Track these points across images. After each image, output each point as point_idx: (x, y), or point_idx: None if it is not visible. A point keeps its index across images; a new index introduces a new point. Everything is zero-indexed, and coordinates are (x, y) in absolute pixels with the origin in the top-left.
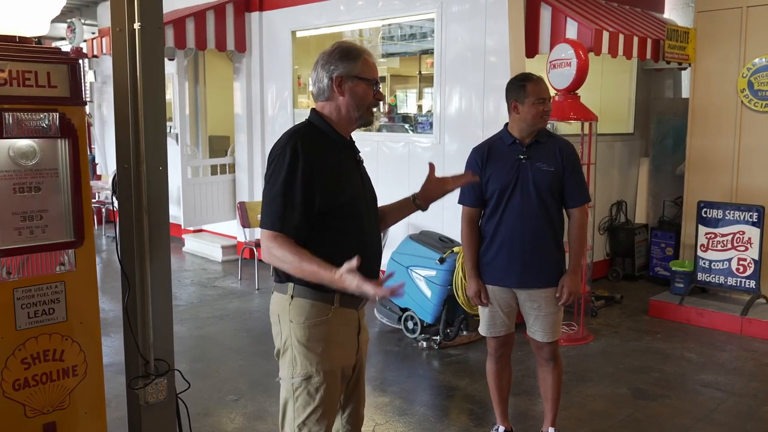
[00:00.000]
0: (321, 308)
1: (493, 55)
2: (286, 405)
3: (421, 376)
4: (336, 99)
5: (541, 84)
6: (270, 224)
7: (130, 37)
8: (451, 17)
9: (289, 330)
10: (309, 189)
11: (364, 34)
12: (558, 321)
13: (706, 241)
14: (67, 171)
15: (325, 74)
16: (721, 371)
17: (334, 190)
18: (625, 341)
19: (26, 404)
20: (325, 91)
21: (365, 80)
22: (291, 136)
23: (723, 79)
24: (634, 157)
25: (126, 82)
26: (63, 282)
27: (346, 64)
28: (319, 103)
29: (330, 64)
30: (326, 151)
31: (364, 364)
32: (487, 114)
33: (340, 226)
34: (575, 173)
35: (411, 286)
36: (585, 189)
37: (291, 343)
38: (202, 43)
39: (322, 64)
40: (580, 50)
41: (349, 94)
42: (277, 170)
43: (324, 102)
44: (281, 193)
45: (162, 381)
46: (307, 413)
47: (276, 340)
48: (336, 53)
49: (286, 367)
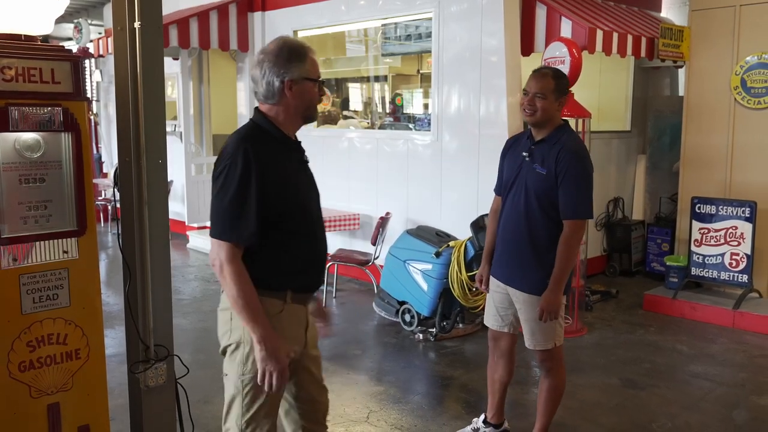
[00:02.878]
0: (274, 304)
1: (490, 55)
2: (232, 401)
3: (417, 366)
4: (285, 101)
5: (534, 77)
6: (222, 234)
7: (131, 35)
8: (448, 17)
9: (242, 328)
10: (262, 196)
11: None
12: (542, 331)
13: (700, 236)
14: (70, 163)
15: (275, 77)
16: (711, 362)
17: (285, 195)
18: (619, 334)
19: (31, 385)
20: (275, 95)
21: (312, 80)
22: (240, 141)
23: (717, 76)
24: (631, 154)
25: (127, 79)
26: (66, 269)
27: (296, 65)
28: (266, 105)
29: (279, 66)
30: (275, 154)
31: (316, 357)
32: (484, 113)
33: (291, 229)
34: (567, 182)
35: (408, 280)
36: (576, 203)
37: (244, 339)
38: (206, 43)
39: (270, 65)
40: (573, 48)
41: (298, 96)
42: (229, 179)
43: (272, 105)
44: (235, 203)
45: (162, 365)
46: (255, 409)
47: (224, 338)
48: (284, 54)
49: (237, 364)
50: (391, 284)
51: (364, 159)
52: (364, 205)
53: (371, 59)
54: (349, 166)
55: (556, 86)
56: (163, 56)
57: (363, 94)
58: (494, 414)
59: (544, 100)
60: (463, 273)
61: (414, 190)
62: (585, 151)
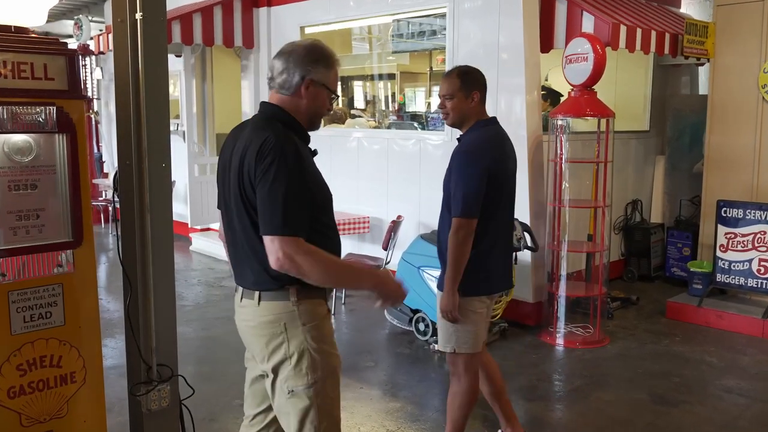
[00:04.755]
0: (322, 305)
1: (508, 52)
2: (306, 415)
3: (433, 379)
4: (299, 98)
5: (442, 79)
6: (284, 228)
7: (132, 28)
8: (463, 13)
9: (303, 335)
10: (311, 188)
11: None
12: (440, 330)
13: (726, 242)
14: (65, 168)
15: (297, 71)
16: (743, 376)
17: (322, 186)
18: (643, 344)
19: (22, 413)
20: (292, 88)
21: (329, 91)
22: (282, 133)
23: (743, 74)
24: (649, 155)
25: (127, 75)
26: (60, 284)
27: (322, 69)
28: (279, 95)
29: (306, 63)
30: (304, 147)
31: None
32: (499, 112)
33: (326, 222)
34: (454, 181)
35: (422, 287)
36: (456, 201)
37: (306, 347)
38: (210, 39)
39: (296, 60)
40: (597, 44)
41: (312, 98)
42: (281, 171)
43: (286, 96)
44: (291, 196)
45: (165, 387)
46: (327, 412)
47: (277, 353)
48: (315, 54)
49: (305, 374)
50: None
51: (373, 159)
52: (374, 207)
53: (379, 57)
54: (358, 167)
55: (462, 83)
56: (167, 50)
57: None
58: (507, 425)
59: (452, 100)
60: None
61: (426, 193)
62: (478, 150)
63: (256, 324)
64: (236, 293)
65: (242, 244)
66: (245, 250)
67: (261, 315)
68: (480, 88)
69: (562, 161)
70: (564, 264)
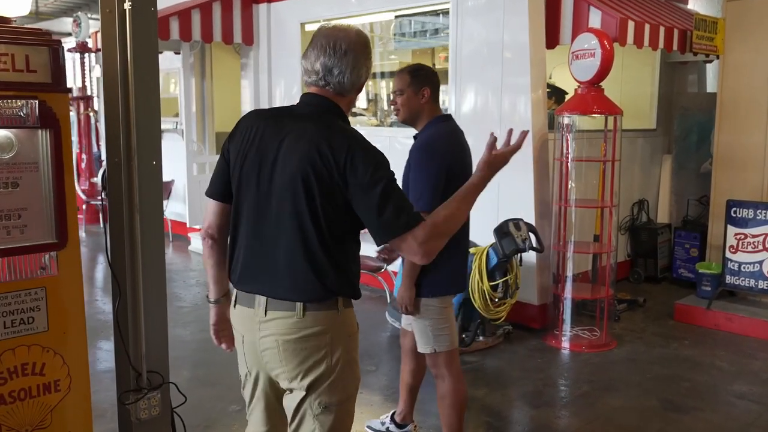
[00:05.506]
0: (354, 313)
1: (513, 50)
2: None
3: (435, 385)
4: (350, 99)
5: (394, 76)
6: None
7: (120, 19)
8: (466, 11)
9: (346, 345)
10: None
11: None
12: (416, 331)
13: (736, 242)
14: (48, 165)
15: (363, 71)
16: (755, 381)
17: None
18: (651, 348)
19: (3, 424)
20: (353, 89)
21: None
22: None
23: (754, 71)
24: (656, 154)
25: (116, 69)
26: (44, 288)
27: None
28: (341, 96)
29: (367, 60)
30: None
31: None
32: (503, 111)
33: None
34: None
35: None
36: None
37: (343, 359)
38: (208, 36)
39: (363, 58)
40: (604, 40)
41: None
42: (388, 169)
43: (341, 97)
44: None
45: (155, 395)
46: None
47: (318, 368)
48: (369, 50)
49: (339, 389)
50: None
51: None
52: None
53: (381, 55)
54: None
55: (412, 80)
56: (158, 42)
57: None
58: (401, 413)
59: (401, 96)
60: (485, 282)
61: None
62: (437, 145)
63: (298, 337)
64: (246, 305)
65: (286, 254)
66: (291, 259)
67: (307, 326)
68: (430, 85)
69: (568, 160)
70: (570, 265)
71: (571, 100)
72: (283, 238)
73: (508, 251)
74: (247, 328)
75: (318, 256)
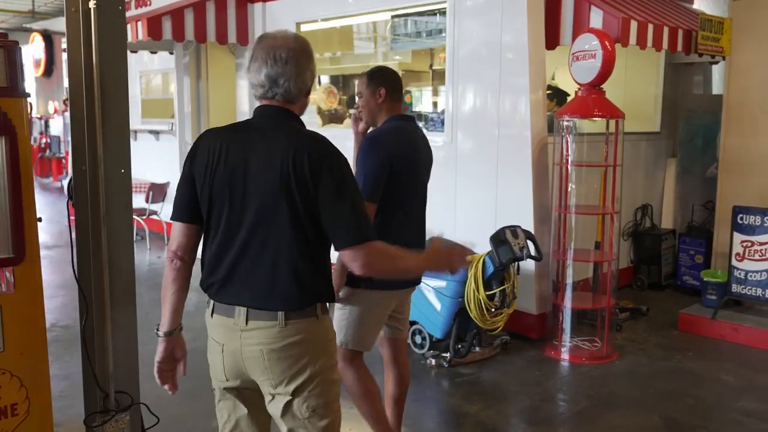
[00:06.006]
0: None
1: (511, 51)
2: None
3: (429, 398)
4: (302, 104)
5: None
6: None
7: (85, 18)
8: (464, 11)
9: (329, 350)
10: None
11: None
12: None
13: (742, 250)
14: (3, 174)
15: (309, 75)
16: (763, 397)
17: None
18: (654, 360)
19: None
20: (301, 95)
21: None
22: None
23: (762, 72)
24: (660, 157)
25: (81, 71)
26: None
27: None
28: (291, 103)
29: (311, 64)
30: None
31: None
32: (503, 111)
33: None
34: (357, 164)
35: (419, 298)
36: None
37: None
38: (202, 36)
39: (306, 62)
40: (606, 41)
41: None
42: (349, 179)
43: (292, 105)
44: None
45: (124, 417)
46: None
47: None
48: (310, 52)
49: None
50: None
51: None
52: None
53: (380, 55)
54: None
55: (369, 81)
56: (126, 43)
57: None
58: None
59: (361, 98)
60: (481, 291)
61: None
62: (382, 137)
63: (281, 346)
64: (225, 314)
65: (266, 264)
66: (273, 268)
67: (290, 335)
68: (387, 84)
69: (568, 164)
70: (570, 273)
71: (572, 103)
72: (262, 248)
73: (505, 260)
74: (228, 337)
75: (298, 263)
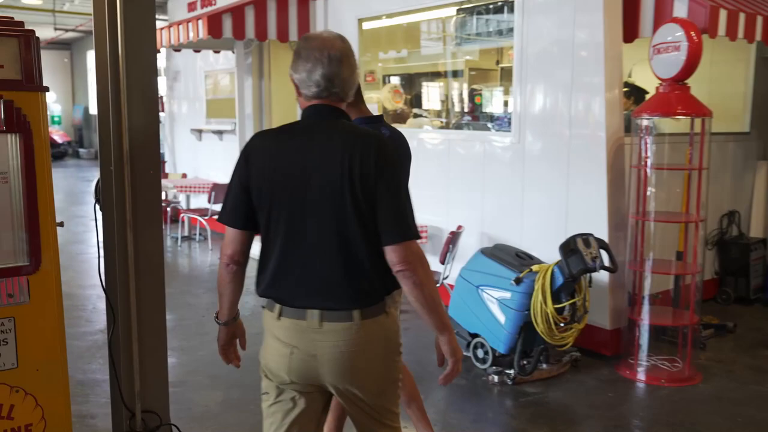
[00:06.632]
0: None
1: (585, 48)
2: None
3: (491, 421)
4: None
5: None
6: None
7: (111, 9)
8: (533, 8)
9: (396, 349)
10: None
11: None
12: None
13: None
14: (18, 175)
15: (356, 73)
16: None
17: None
18: (744, 384)
19: None
20: (352, 90)
21: None
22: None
23: None
24: (749, 159)
25: (107, 64)
26: (12, 318)
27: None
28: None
29: (355, 62)
30: None
31: None
32: (575, 111)
33: None
34: None
35: (482, 309)
36: None
37: (396, 363)
38: (263, 34)
39: (354, 60)
40: (691, 31)
41: None
42: (401, 178)
43: (345, 102)
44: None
45: None
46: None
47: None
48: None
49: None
50: (461, 312)
51: (434, 162)
52: (433, 215)
53: (446, 53)
54: (417, 170)
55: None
56: (156, 35)
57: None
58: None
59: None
60: (549, 305)
61: (490, 200)
62: None
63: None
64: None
65: (334, 265)
66: (341, 269)
67: (367, 334)
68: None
69: (647, 167)
70: (647, 285)
71: (652, 100)
72: (329, 247)
73: (576, 271)
74: (299, 339)
75: (366, 260)
